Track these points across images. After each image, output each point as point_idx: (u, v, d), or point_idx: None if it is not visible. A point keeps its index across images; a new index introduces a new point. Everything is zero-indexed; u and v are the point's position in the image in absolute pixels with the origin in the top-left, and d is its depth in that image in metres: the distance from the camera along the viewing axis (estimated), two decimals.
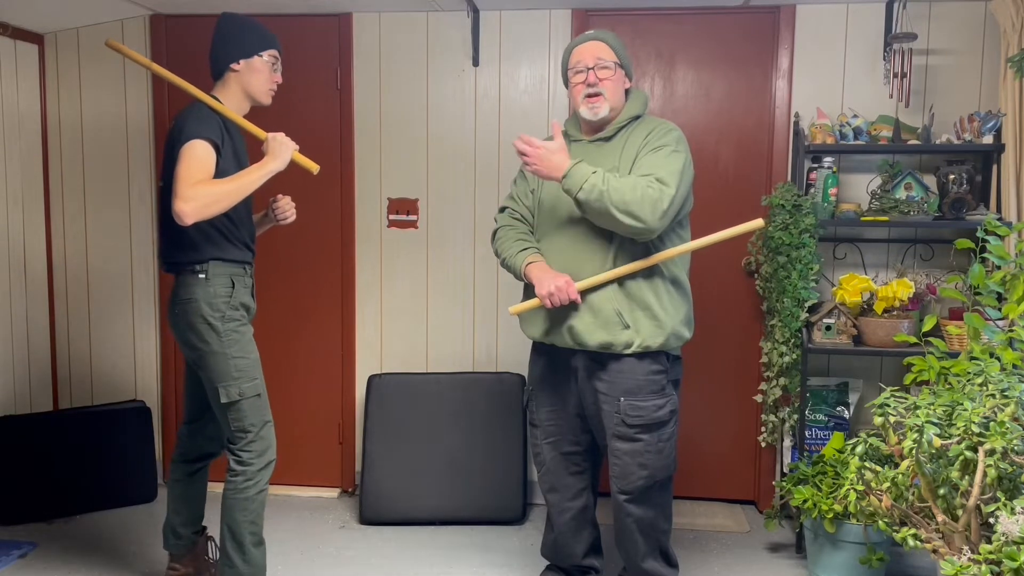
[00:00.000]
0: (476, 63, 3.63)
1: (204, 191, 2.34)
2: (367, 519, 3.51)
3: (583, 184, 2.36)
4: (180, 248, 2.52)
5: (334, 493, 3.86)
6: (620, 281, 2.48)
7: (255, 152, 2.60)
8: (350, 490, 3.87)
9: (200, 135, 2.39)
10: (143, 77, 3.79)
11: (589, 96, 2.53)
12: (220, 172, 2.44)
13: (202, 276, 2.51)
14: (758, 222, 2.55)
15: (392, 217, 3.74)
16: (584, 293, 2.49)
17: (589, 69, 2.53)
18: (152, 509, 3.64)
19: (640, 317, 2.47)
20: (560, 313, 2.53)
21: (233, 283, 2.55)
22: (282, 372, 3.75)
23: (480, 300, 3.74)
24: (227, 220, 2.51)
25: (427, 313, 3.77)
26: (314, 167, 2.59)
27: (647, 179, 2.38)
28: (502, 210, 2.76)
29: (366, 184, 3.74)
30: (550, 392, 2.71)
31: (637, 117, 2.58)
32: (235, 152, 2.55)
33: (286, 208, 2.77)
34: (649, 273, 2.48)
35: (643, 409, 2.49)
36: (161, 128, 3.78)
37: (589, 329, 2.49)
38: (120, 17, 3.74)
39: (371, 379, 3.64)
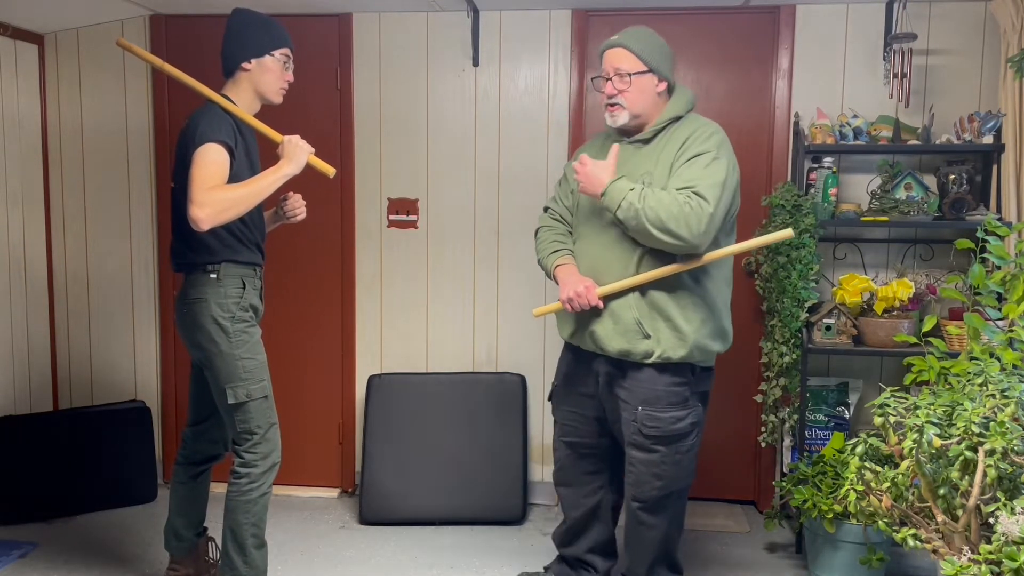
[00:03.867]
0: (476, 63, 3.63)
1: (220, 196, 2.32)
2: (367, 519, 3.51)
3: (620, 202, 2.35)
4: (193, 249, 2.50)
5: (334, 493, 3.86)
6: (643, 290, 2.44)
7: (266, 152, 2.60)
8: (350, 490, 3.87)
9: (214, 138, 2.37)
10: (143, 77, 3.79)
11: (608, 105, 2.53)
12: (233, 175, 2.42)
13: (213, 276, 2.50)
14: (788, 232, 2.51)
15: (392, 217, 3.74)
16: (607, 299, 2.47)
17: (608, 79, 2.52)
18: (152, 509, 3.64)
19: (661, 328, 2.44)
20: (585, 317, 2.52)
21: (244, 284, 2.54)
22: (282, 372, 3.75)
23: (480, 300, 3.74)
24: (240, 222, 2.49)
25: (427, 313, 3.77)
26: (330, 171, 2.57)
27: (685, 194, 2.32)
28: (545, 210, 2.78)
29: (366, 184, 3.74)
30: (571, 392, 2.71)
31: (678, 118, 2.52)
32: (248, 154, 2.54)
33: (296, 206, 2.75)
34: (673, 284, 2.43)
35: (661, 420, 2.46)
36: (161, 128, 3.78)
37: (609, 335, 2.48)
38: (120, 17, 3.74)
39: (371, 379, 3.64)
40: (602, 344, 2.49)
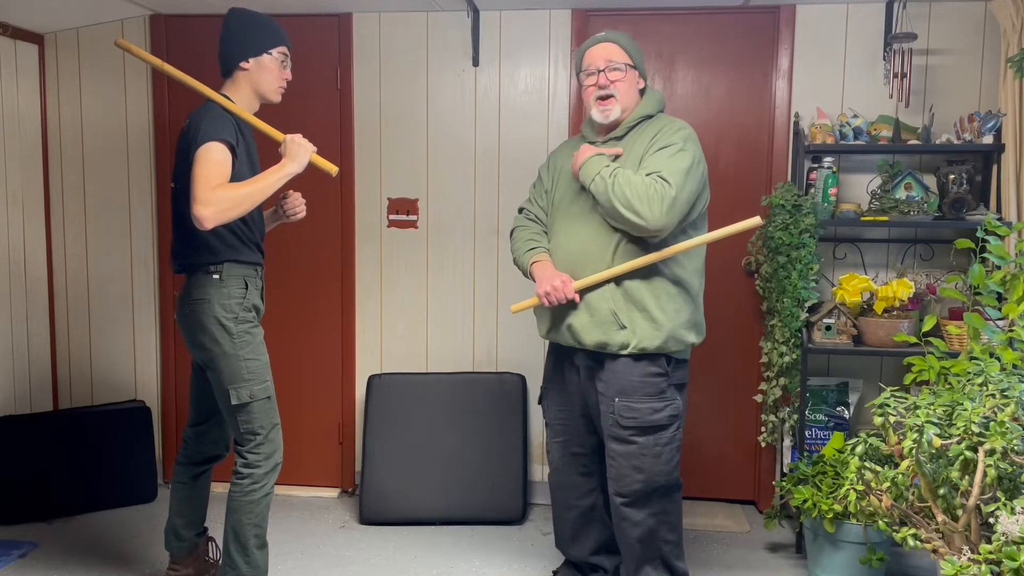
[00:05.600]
0: (476, 63, 3.63)
1: (223, 195, 2.32)
2: (367, 519, 3.51)
3: (595, 176, 2.43)
4: (195, 250, 2.51)
5: (334, 493, 3.87)
6: (618, 281, 2.48)
7: (266, 151, 2.60)
8: (350, 490, 3.87)
9: (216, 137, 2.37)
10: (143, 77, 3.79)
11: (600, 99, 2.55)
12: (235, 174, 2.42)
13: (216, 277, 2.50)
14: (756, 220, 2.51)
15: (392, 217, 3.74)
16: (583, 292, 2.50)
17: (600, 71, 2.54)
18: (152, 509, 3.65)
19: (637, 318, 2.47)
20: (561, 311, 2.55)
21: (246, 284, 2.55)
22: (282, 372, 3.74)
23: (480, 300, 3.74)
24: (241, 222, 2.50)
25: (427, 313, 3.77)
26: (333, 169, 2.58)
27: (652, 177, 2.39)
28: (520, 211, 2.81)
29: (366, 184, 3.74)
30: (559, 391, 2.73)
31: (649, 117, 2.58)
32: (248, 153, 2.54)
33: (296, 204, 2.76)
34: (648, 273, 2.47)
35: (637, 411, 2.48)
36: (161, 128, 3.78)
37: (586, 328, 2.50)
38: (120, 17, 3.74)
39: (371, 379, 3.64)
40: (579, 337, 2.52)
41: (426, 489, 3.52)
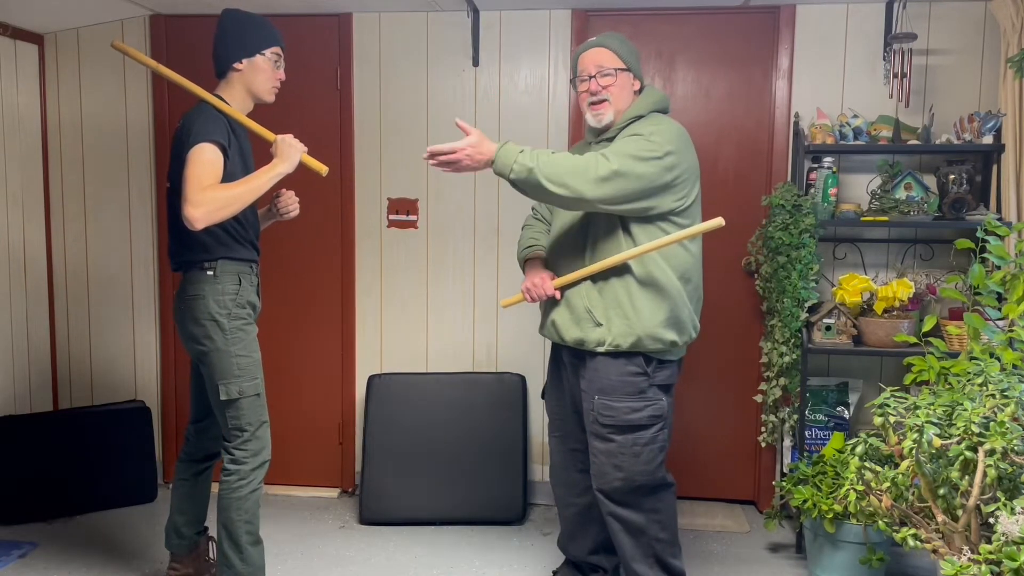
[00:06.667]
0: (476, 63, 3.63)
1: (214, 196, 2.34)
2: (367, 519, 3.51)
3: (512, 165, 2.33)
4: (190, 248, 2.53)
5: (334, 493, 3.86)
6: (595, 279, 2.50)
7: (260, 152, 2.61)
8: (350, 490, 3.87)
9: (208, 138, 2.39)
10: (143, 77, 3.79)
11: (592, 104, 2.55)
12: (227, 174, 2.44)
13: (210, 273, 2.52)
14: (719, 221, 2.43)
15: (392, 217, 3.74)
16: (564, 289, 2.54)
17: (591, 77, 2.54)
18: (152, 509, 3.64)
19: (612, 315, 2.47)
20: (548, 308, 2.62)
21: (240, 281, 2.57)
22: (282, 372, 3.75)
23: (480, 300, 3.74)
24: (235, 220, 2.52)
25: (427, 313, 3.77)
26: (323, 169, 2.60)
27: (589, 155, 2.37)
28: (532, 210, 2.86)
29: (366, 184, 3.74)
30: (556, 386, 2.77)
31: (640, 117, 2.54)
32: (241, 153, 2.56)
33: (289, 203, 2.78)
34: (622, 271, 2.47)
35: (615, 410, 2.48)
36: (161, 128, 3.78)
37: (566, 324, 2.54)
38: (120, 17, 3.74)
39: (371, 379, 3.64)
40: (561, 333, 2.57)
41: (426, 489, 3.52)
